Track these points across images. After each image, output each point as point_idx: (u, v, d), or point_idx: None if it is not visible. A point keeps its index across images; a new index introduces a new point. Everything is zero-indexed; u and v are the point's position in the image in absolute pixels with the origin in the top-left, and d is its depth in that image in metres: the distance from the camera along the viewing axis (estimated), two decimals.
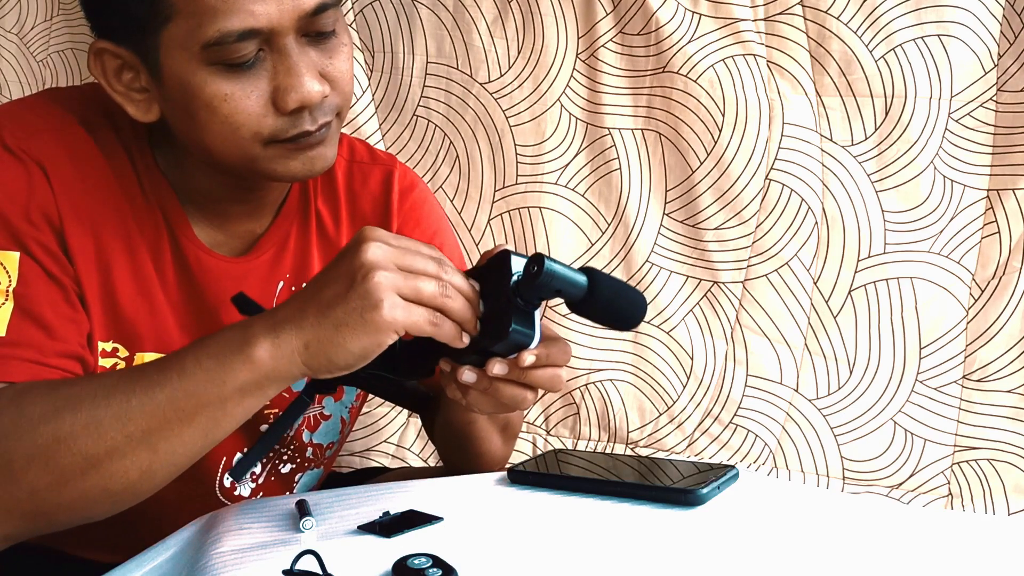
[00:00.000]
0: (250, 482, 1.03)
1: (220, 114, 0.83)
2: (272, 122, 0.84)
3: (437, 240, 1.09)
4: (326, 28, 0.85)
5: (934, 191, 1.36)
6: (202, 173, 0.93)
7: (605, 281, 0.75)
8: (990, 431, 1.35)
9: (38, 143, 0.87)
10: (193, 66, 0.82)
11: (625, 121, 1.48)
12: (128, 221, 0.91)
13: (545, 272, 0.71)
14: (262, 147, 0.85)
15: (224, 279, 0.96)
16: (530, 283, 0.72)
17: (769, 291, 1.44)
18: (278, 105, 0.83)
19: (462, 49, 1.53)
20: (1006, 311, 1.34)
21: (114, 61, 0.86)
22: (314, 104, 0.84)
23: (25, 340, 0.82)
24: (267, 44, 0.82)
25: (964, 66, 1.34)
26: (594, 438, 1.53)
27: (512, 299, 0.73)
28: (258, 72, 0.83)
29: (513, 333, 0.73)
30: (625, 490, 0.84)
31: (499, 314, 0.74)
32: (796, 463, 1.43)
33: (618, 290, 0.77)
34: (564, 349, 0.79)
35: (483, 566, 0.70)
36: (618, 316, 0.78)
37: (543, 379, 0.78)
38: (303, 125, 0.85)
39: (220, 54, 0.81)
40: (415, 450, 1.58)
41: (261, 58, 0.83)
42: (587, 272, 0.75)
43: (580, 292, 0.74)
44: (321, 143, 0.88)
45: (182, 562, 0.78)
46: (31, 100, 0.94)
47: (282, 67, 0.83)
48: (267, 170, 0.87)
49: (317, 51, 0.85)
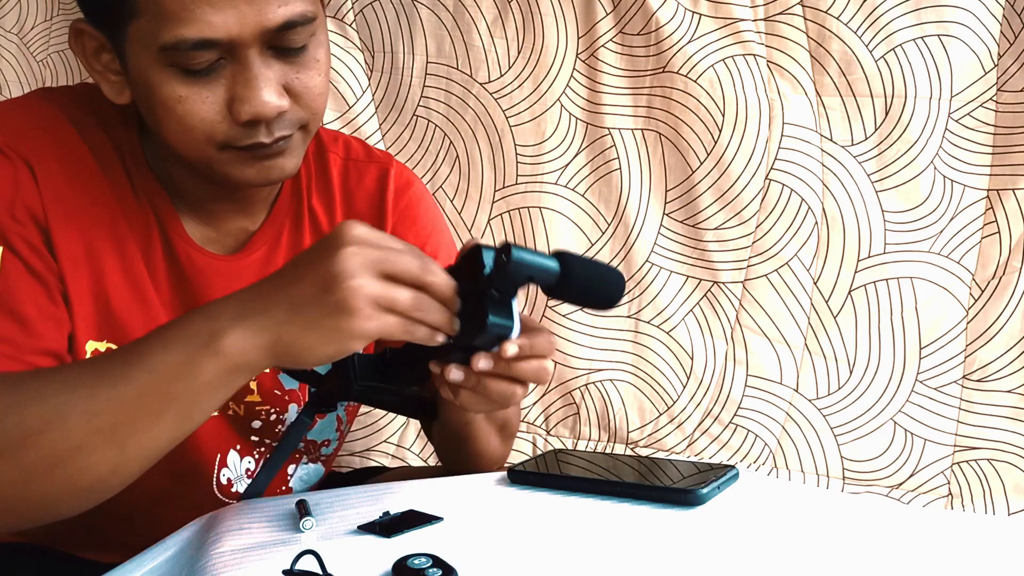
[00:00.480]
0: (247, 478, 1.03)
1: (175, 114, 0.83)
2: (226, 129, 0.84)
3: (433, 240, 1.09)
4: (295, 44, 0.84)
5: (934, 191, 1.36)
6: (185, 170, 0.93)
7: (577, 263, 0.75)
8: (990, 431, 1.35)
9: (27, 141, 0.87)
10: (153, 64, 0.82)
11: (625, 121, 1.48)
12: (118, 219, 0.91)
13: (513, 260, 0.72)
14: (216, 151, 0.86)
15: (216, 277, 0.96)
16: (501, 272, 0.72)
17: (769, 291, 1.44)
18: (232, 114, 0.83)
19: (462, 49, 1.52)
20: (1006, 311, 1.34)
21: (92, 41, 0.88)
22: (269, 118, 0.84)
23: (1, 335, 0.82)
24: (228, 54, 0.82)
25: (964, 66, 1.34)
26: (594, 438, 1.53)
27: (487, 291, 0.74)
28: (216, 79, 0.83)
29: (491, 325, 0.74)
30: (625, 490, 0.84)
31: (476, 308, 0.74)
32: (796, 463, 1.43)
33: (592, 270, 0.77)
34: (548, 339, 0.79)
35: (483, 566, 0.70)
36: (595, 296, 0.78)
37: (528, 371, 0.78)
38: (258, 136, 0.85)
39: (175, 59, 0.81)
40: (415, 450, 1.58)
41: (221, 65, 0.82)
42: (559, 256, 0.75)
43: (552, 276, 0.74)
44: (280, 154, 0.87)
45: (182, 562, 0.78)
46: (23, 99, 0.95)
47: (240, 78, 0.82)
48: (222, 173, 0.88)
49: (284, 64, 0.84)
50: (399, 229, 1.07)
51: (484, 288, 0.73)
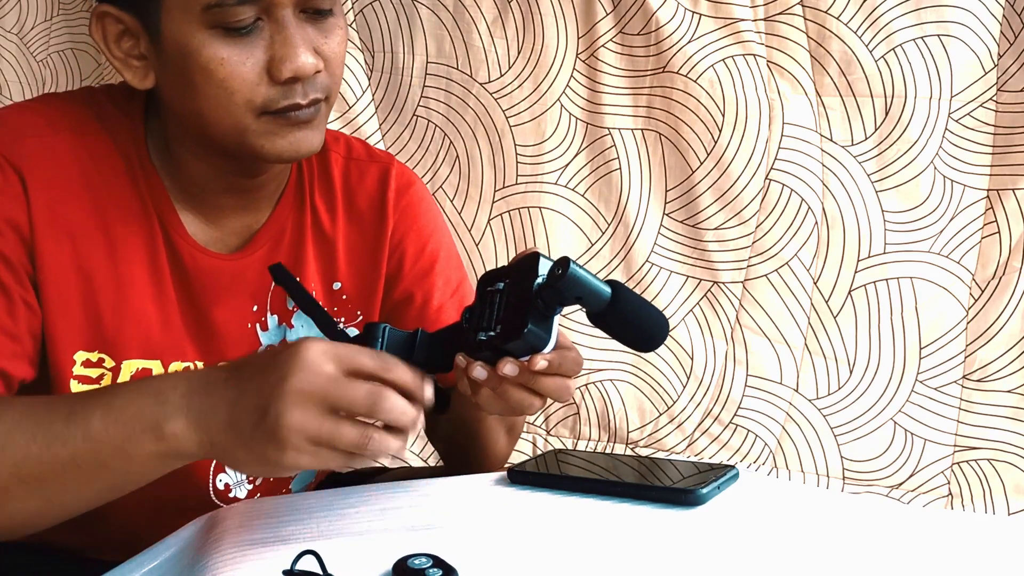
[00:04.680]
0: (246, 484, 1.02)
1: (216, 78, 0.84)
2: (265, 91, 0.85)
3: (434, 240, 1.09)
4: (324, 6, 0.87)
5: (934, 191, 1.36)
6: (196, 161, 0.93)
7: (629, 296, 0.75)
8: (990, 431, 1.35)
9: (21, 149, 0.87)
10: (193, 28, 0.83)
11: (625, 121, 1.48)
12: (117, 227, 0.91)
13: (569, 276, 0.71)
14: (254, 117, 0.86)
15: (219, 277, 0.96)
16: (552, 286, 0.72)
17: (769, 291, 1.44)
18: (272, 74, 0.85)
19: (462, 49, 1.52)
20: (1006, 311, 1.34)
21: (115, 26, 0.88)
22: (307, 76, 0.86)
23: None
24: (266, 14, 0.84)
25: (964, 66, 1.34)
26: (594, 438, 1.53)
27: (533, 300, 0.73)
28: (255, 40, 0.85)
29: (528, 334, 0.73)
30: (625, 490, 0.84)
31: (518, 313, 0.74)
32: (796, 463, 1.43)
33: (641, 308, 0.76)
34: (576, 360, 0.78)
35: (483, 566, 0.70)
36: (638, 334, 0.77)
37: (551, 387, 0.78)
38: (294, 97, 0.86)
39: (220, 16, 0.82)
40: (415, 450, 1.58)
41: (259, 27, 0.85)
42: (612, 285, 0.74)
43: (602, 303, 0.74)
44: (309, 124, 0.89)
45: (182, 562, 0.78)
46: (24, 105, 0.94)
47: (279, 37, 0.85)
48: (255, 145, 0.88)
49: (313, 28, 0.87)
50: (400, 229, 1.07)
51: (531, 296, 0.73)
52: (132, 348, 0.92)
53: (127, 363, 0.92)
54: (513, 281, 0.75)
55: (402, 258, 1.07)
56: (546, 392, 0.78)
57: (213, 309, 0.96)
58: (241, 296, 0.97)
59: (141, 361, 0.92)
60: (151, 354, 0.93)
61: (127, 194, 0.92)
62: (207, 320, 0.96)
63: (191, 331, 0.95)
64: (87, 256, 0.89)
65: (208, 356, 0.97)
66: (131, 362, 0.92)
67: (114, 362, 0.91)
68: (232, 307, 0.97)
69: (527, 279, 0.73)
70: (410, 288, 1.04)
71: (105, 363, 0.91)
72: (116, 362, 0.91)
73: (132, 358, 0.92)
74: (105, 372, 0.91)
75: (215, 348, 0.97)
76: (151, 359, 0.93)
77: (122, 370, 0.92)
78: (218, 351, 0.97)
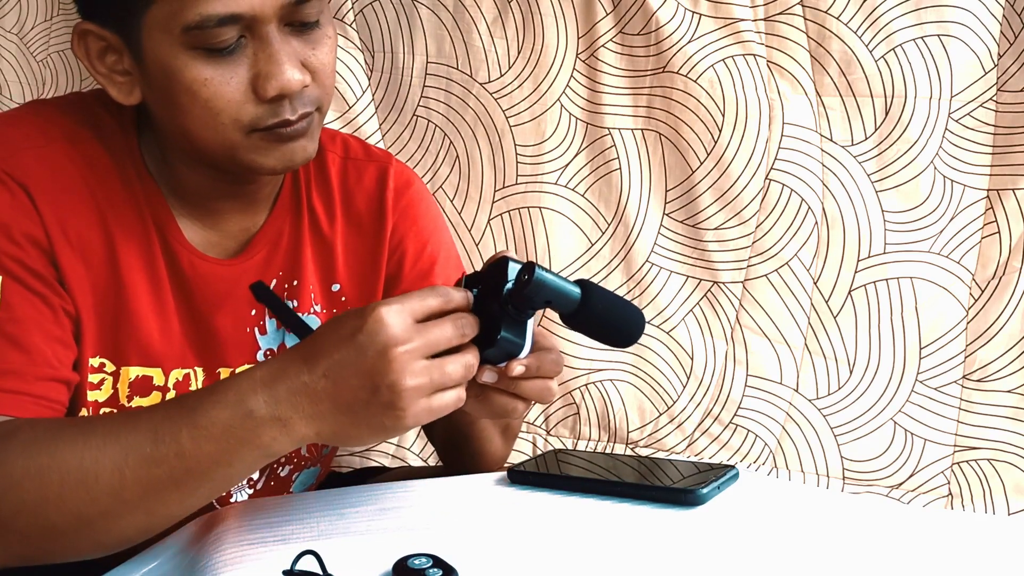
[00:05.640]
0: (247, 488, 1.02)
1: (200, 99, 0.83)
2: (252, 109, 0.84)
3: (434, 239, 1.09)
4: (309, 19, 0.85)
5: (934, 191, 1.36)
6: (190, 169, 0.93)
7: (599, 294, 0.74)
8: (990, 431, 1.35)
9: (20, 163, 0.86)
10: (174, 49, 0.82)
11: (625, 121, 1.48)
12: (115, 233, 0.90)
13: (535, 281, 0.71)
14: (243, 135, 0.85)
15: (218, 283, 0.96)
16: (520, 292, 0.72)
17: (769, 291, 1.44)
18: (258, 92, 0.83)
19: (462, 49, 1.52)
20: (1006, 311, 1.34)
21: (97, 43, 0.86)
22: (294, 93, 0.84)
23: (5, 367, 0.80)
24: (248, 31, 0.82)
25: (964, 66, 1.34)
26: (594, 438, 1.53)
27: (504, 307, 0.73)
28: (239, 58, 0.83)
29: (501, 341, 0.73)
30: (625, 490, 0.84)
31: (491, 321, 0.73)
32: (796, 463, 1.43)
33: (613, 304, 0.76)
34: (556, 360, 0.78)
35: (483, 566, 0.70)
36: (613, 331, 0.77)
37: (532, 390, 0.78)
38: (283, 114, 0.85)
39: (200, 38, 0.81)
40: (415, 450, 1.58)
41: (243, 44, 0.83)
42: (582, 284, 0.74)
43: (572, 304, 0.73)
44: (302, 136, 0.87)
45: (182, 562, 0.78)
46: (13, 116, 0.93)
47: (263, 55, 0.83)
48: (247, 160, 0.87)
49: (300, 41, 0.85)
50: (399, 229, 1.06)
51: (502, 303, 0.73)
52: (132, 355, 0.92)
53: (125, 369, 0.92)
54: (485, 288, 0.75)
55: (402, 259, 1.07)
56: (528, 395, 0.78)
57: (212, 315, 0.96)
58: (239, 301, 0.97)
59: (141, 368, 0.92)
60: (151, 361, 0.93)
61: (124, 201, 0.91)
62: (206, 326, 0.96)
63: (190, 337, 0.95)
64: (92, 264, 0.89)
65: (208, 362, 0.96)
66: (129, 368, 0.92)
67: (114, 367, 0.91)
68: (231, 312, 0.97)
69: (497, 285, 0.73)
70: (410, 289, 1.04)
71: (106, 367, 0.91)
72: (116, 366, 0.91)
73: (132, 365, 0.92)
74: (106, 376, 0.91)
75: (215, 354, 0.97)
76: (151, 366, 0.93)
77: (121, 375, 0.92)
78: (218, 357, 0.97)
